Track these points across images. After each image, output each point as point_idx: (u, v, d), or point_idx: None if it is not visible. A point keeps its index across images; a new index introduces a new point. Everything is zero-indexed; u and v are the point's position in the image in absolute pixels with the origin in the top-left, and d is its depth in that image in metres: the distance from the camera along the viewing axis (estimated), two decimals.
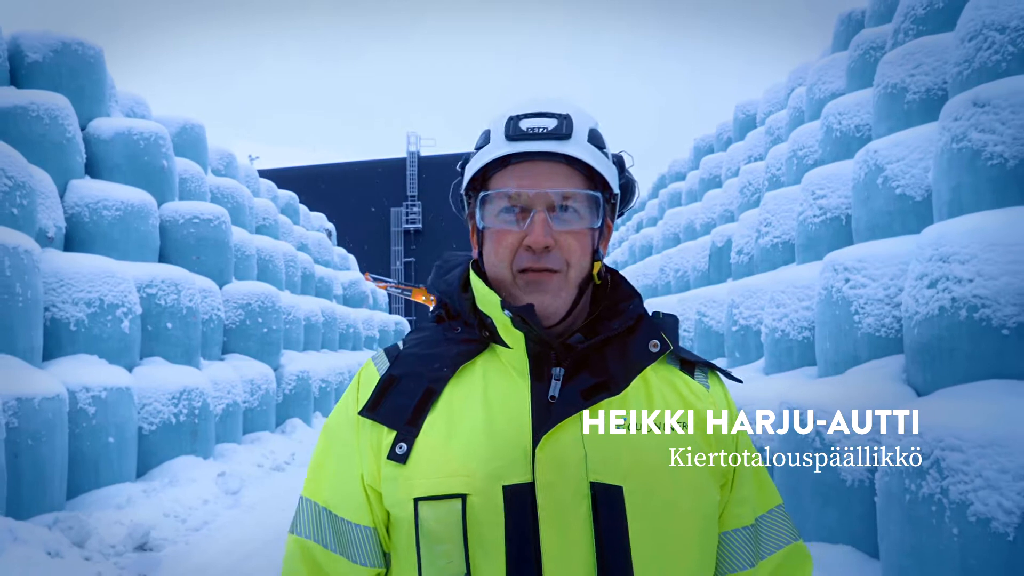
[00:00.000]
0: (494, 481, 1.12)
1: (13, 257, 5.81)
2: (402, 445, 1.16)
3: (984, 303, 4.05)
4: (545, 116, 1.20)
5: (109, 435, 6.24)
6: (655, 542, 1.13)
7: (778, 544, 1.28)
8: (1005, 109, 4.74)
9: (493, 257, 1.22)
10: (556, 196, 1.19)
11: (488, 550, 1.11)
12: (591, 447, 1.14)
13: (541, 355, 1.19)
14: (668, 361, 1.26)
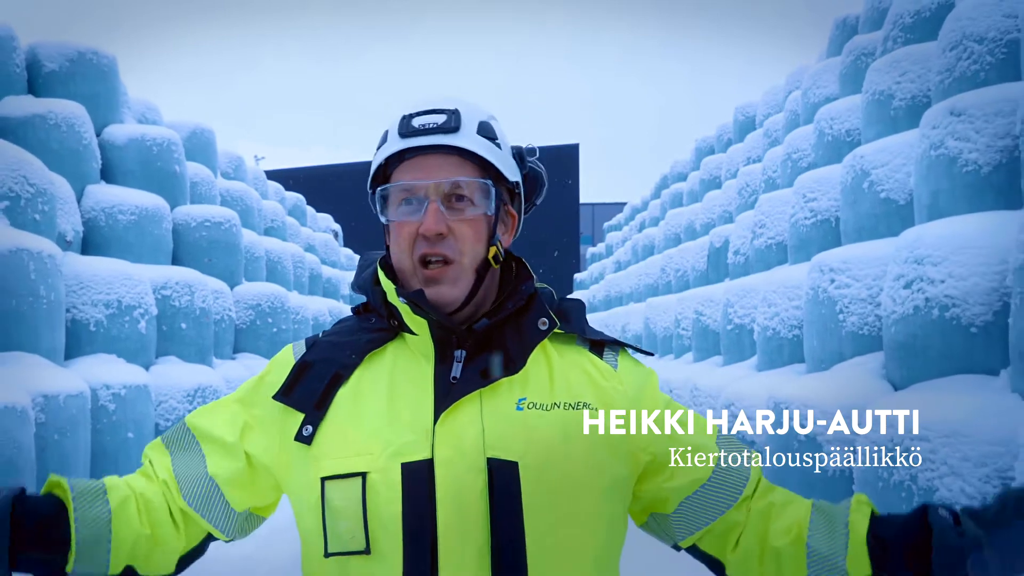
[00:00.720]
0: (394, 459, 1.17)
1: (37, 261, 6.10)
2: (308, 427, 1.23)
3: (954, 303, 4.31)
4: (435, 112, 1.27)
5: (128, 431, 6.53)
6: (549, 517, 1.17)
7: (747, 475, 1.31)
8: (979, 118, 5.00)
9: (396, 248, 1.29)
10: (447, 185, 1.25)
11: (386, 526, 1.15)
12: (489, 424, 1.19)
13: (445, 340, 1.25)
14: (577, 343, 1.33)
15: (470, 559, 1.14)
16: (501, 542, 1.14)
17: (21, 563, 1.14)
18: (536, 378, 1.25)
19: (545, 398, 1.23)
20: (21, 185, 6.74)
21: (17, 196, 6.68)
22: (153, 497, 1.26)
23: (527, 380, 1.24)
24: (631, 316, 14.57)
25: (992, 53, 5.64)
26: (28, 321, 5.97)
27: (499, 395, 1.22)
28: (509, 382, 1.23)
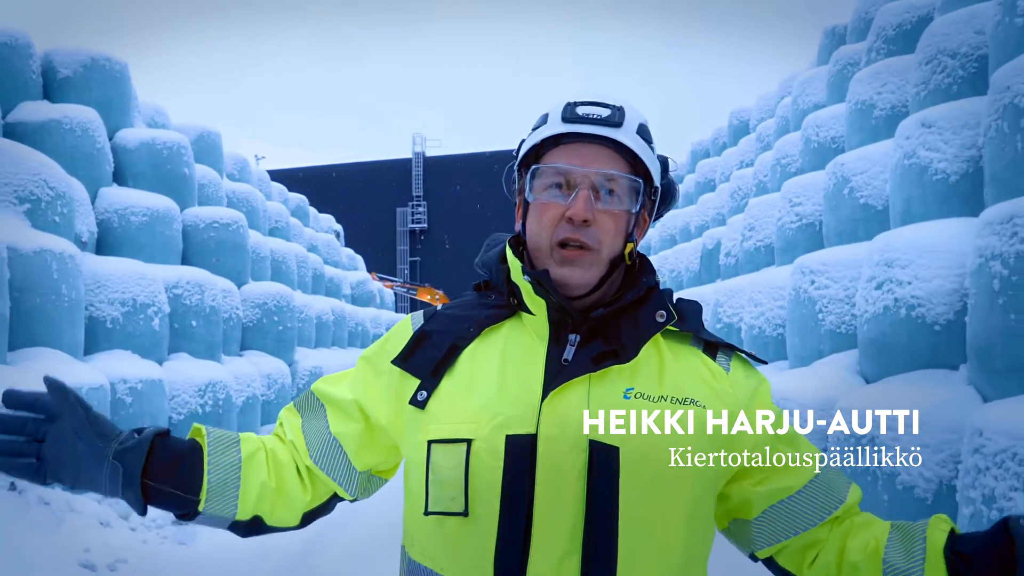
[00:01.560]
0: (499, 430, 1.21)
1: (59, 261, 6.43)
2: (423, 392, 1.28)
3: (920, 303, 4.64)
4: (600, 105, 1.30)
5: (144, 422, 6.85)
6: (644, 503, 1.18)
7: (841, 498, 1.32)
8: (948, 130, 5.33)
9: (536, 227, 1.30)
10: (600, 176, 1.27)
11: (486, 492, 1.19)
12: (595, 408, 1.21)
13: (561, 322, 1.28)
14: (692, 343, 1.34)
15: (562, 534, 1.17)
16: (595, 522, 1.17)
17: (157, 498, 1.25)
18: (646, 370, 1.27)
19: (653, 390, 1.25)
20: (42, 188, 7.07)
21: (38, 199, 7.01)
22: (282, 455, 1.36)
23: (637, 371, 1.26)
24: None
25: (964, 67, 5.97)
26: (51, 318, 6.30)
27: (608, 382, 1.23)
28: (619, 370, 1.25)
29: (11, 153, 7.10)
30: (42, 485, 1.39)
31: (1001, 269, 3.78)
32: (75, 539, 4.66)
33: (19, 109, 8.80)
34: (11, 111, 8.73)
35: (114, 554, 4.72)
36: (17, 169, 6.97)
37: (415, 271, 43.23)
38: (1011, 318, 3.72)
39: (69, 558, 4.44)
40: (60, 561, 4.39)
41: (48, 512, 4.69)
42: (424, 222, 43.91)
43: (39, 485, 1.41)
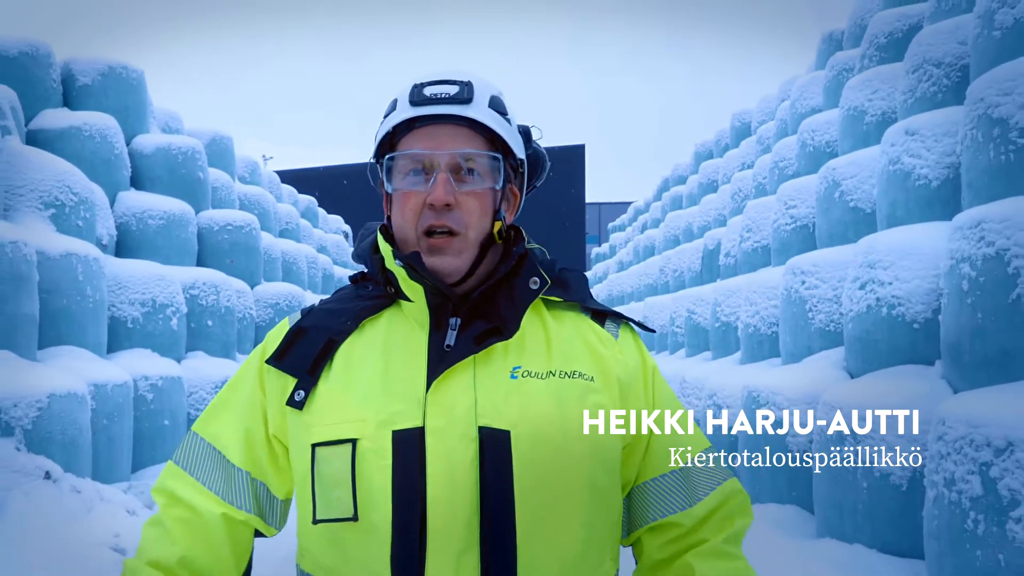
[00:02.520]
0: (385, 426, 1.15)
1: (84, 264, 6.74)
2: (300, 392, 1.22)
3: (900, 302, 4.92)
4: (447, 83, 1.25)
5: (165, 418, 7.17)
6: (540, 488, 1.15)
7: (711, 487, 1.29)
8: (930, 137, 5.60)
9: (399, 218, 1.25)
10: (457, 157, 1.22)
11: (375, 494, 1.14)
12: (481, 392, 1.17)
13: (440, 307, 1.23)
14: (580, 312, 1.31)
15: (459, 528, 1.12)
16: (491, 512, 1.12)
17: None
18: (533, 346, 1.23)
19: (541, 366, 1.21)
20: (66, 194, 7.39)
21: (62, 204, 7.32)
22: (189, 552, 1.25)
23: (523, 348, 1.23)
24: (631, 314, 15.15)
25: (948, 76, 6.23)
26: (76, 318, 6.61)
27: (493, 363, 1.20)
28: (504, 348, 1.21)
29: (36, 160, 7.41)
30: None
31: (970, 271, 4.05)
32: (105, 525, 4.96)
33: (41, 116, 9.14)
34: (33, 118, 9.07)
35: None
36: (42, 176, 7.29)
37: None
38: (978, 317, 3.99)
39: (101, 542, 4.74)
40: (93, 545, 4.69)
41: (80, 500, 5.00)
42: None
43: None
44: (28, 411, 5.02)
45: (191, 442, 1.31)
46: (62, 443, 5.21)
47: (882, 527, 4.31)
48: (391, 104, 1.29)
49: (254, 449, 1.28)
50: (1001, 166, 4.54)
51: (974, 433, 3.23)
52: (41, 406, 5.10)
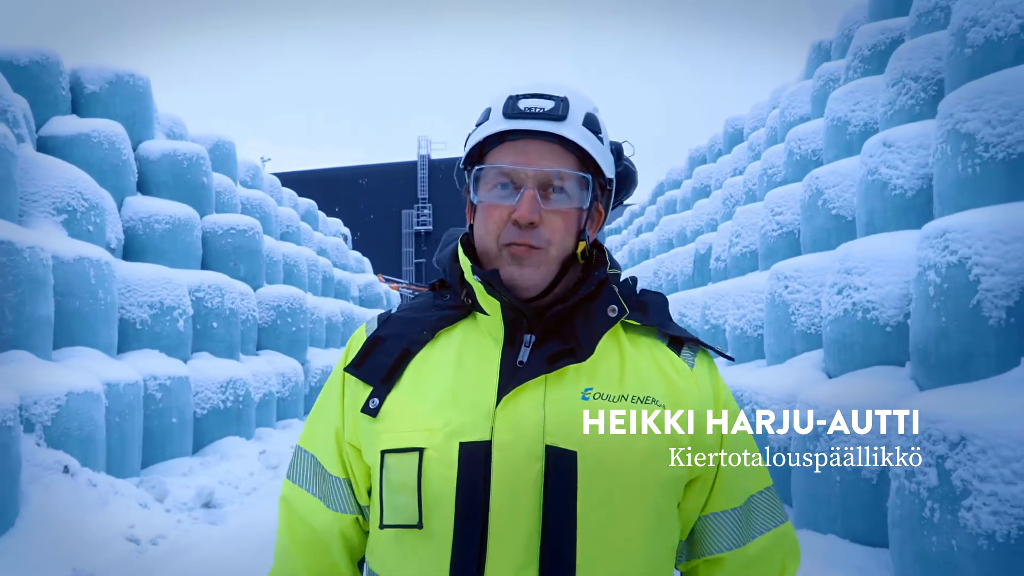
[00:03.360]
0: (452, 437, 1.16)
1: (96, 267, 7.01)
2: (375, 400, 1.24)
3: (874, 306, 5.19)
4: (543, 97, 1.23)
5: (173, 416, 7.43)
6: (603, 508, 1.15)
7: (766, 527, 1.30)
8: (905, 149, 5.88)
9: (482, 229, 1.25)
10: (547, 175, 1.21)
11: (439, 503, 1.15)
12: (551, 411, 1.17)
13: (516, 322, 1.23)
14: (657, 337, 1.30)
15: (519, 544, 1.13)
16: (551, 531, 1.13)
17: None
18: (606, 368, 1.23)
19: (613, 389, 1.21)
20: (77, 200, 7.66)
21: (74, 210, 7.59)
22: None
23: (596, 370, 1.22)
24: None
25: (925, 90, 6.51)
26: (89, 320, 6.88)
27: (565, 383, 1.20)
28: (576, 370, 1.21)
29: (48, 167, 7.68)
30: None
31: (935, 278, 4.33)
32: (120, 517, 5.23)
33: (50, 123, 9.40)
34: (43, 125, 9.33)
35: (155, 531, 5.29)
36: (55, 182, 7.56)
37: (420, 272, 43.80)
38: (942, 320, 4.27)
39: (117, 533, 5.01)
40: (109, 536, 4.96)
41: (96, 493, 5.27)
42: (429, 224, 44.47)
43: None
44: (48, 408, 5.29)
45: (298, 457, 1.37)
46: (79, 439, 5.48)
47: (853, 519, 4.58)
48: (484, 113, 1.28)
49: (343, 455, 1.30)
50: (968, 179, 4.82)
51: (931, 428, 3.50)
52: (60, 404, 5.37)
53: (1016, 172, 4.59)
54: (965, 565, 3.32)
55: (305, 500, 1.33)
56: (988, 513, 3.23)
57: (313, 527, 1.32)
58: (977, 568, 3.27)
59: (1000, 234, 4.06)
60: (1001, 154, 4.66)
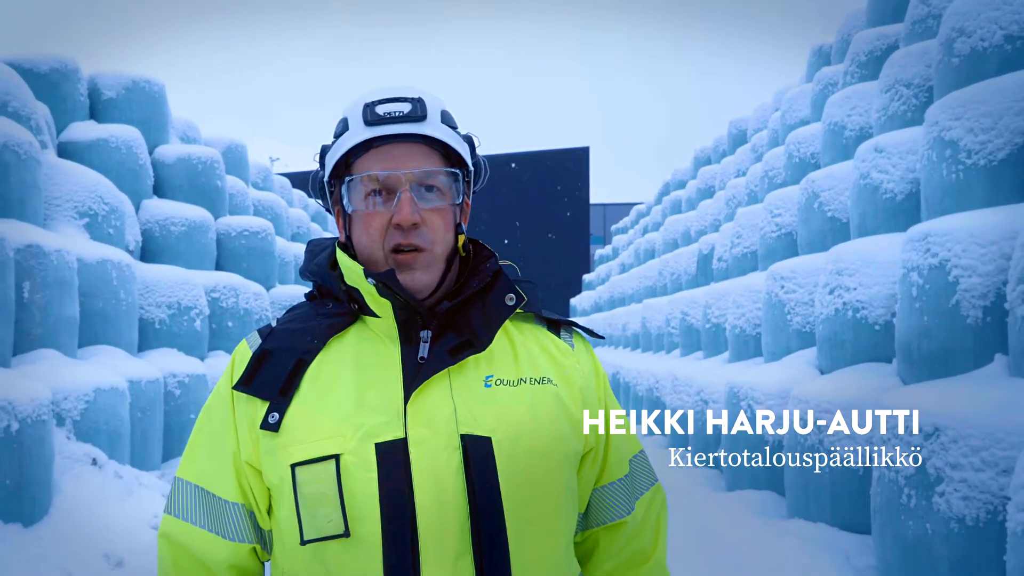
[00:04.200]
0: (367, 440, 1.17)
1: (118, 269, 7.29)
2: (274, 415, 1.21)
3: (863, 306, 5.43)
4: (399, 100, 1.25)
5: (191, 412, 7.70)
6: (525, 488, 1.19)
7: (645, 485, 1.41)
8: (895, 155, 6.11)
9: (364, 239, 1.26)
10: (418, 175, 1.24)
11: (364, 507, 1.15)
12: (460, 402, 1.20)
13: (409, 321, 1.25)
14: (535, 322, 1.36)
15: (451, 536, 1.15)
16: (481, 517, 1.15)
17: None
18: (501, 355, 1.28)
19: (511, 374, 1.26)
20: (98, 204, 7.94)
21: (95, 213, 7.87)
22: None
23: (493, 357, 1.27)
24: (631, 316, 15.70)
25: (916, 97, 6.73)
26: (112, 320, 7.17)
27: (467, 373, 1.23)
28: (476, 360, 1.25)
29: (71, 172, 7.96)
30: None
31: (918, 279, 4.56)
32: (145, 507, 5.50)
33: (70, 129, 9.70)
34: (63, 131, 9.63)
35: None
36: (77, 187, 7.84)
37: None
38: (924, 319, 4.51)
39: (142, 521, 5.28)
40: (135, 524, 5.23)
41: (122, 484, 5.54)
42: None
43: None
44: (77, 404, 5.58)
45: (180, 489, 1.30)
46: (106, 433, 5.76)
47: (841, 507, 4.82)
48: (341, 123, 1.30)
49: (241, 479, 1.27)
50: (952, 184, 5.05)
51: (909, 420, 3.74)
52: (88, 399, 5.65)
53: (996, 178, 4.82)
54: (938, 547, 3.56)
55: (194, 535, 1.27)
56: (959, 499, 3.47)
57: (205, 563, 1.26)
58: (948, 550, 3.52)
59: (977, 238, 4.30)
60: (983, 161, 4.89)
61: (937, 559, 3.58)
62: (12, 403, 4.46)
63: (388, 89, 1.28)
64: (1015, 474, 3.00)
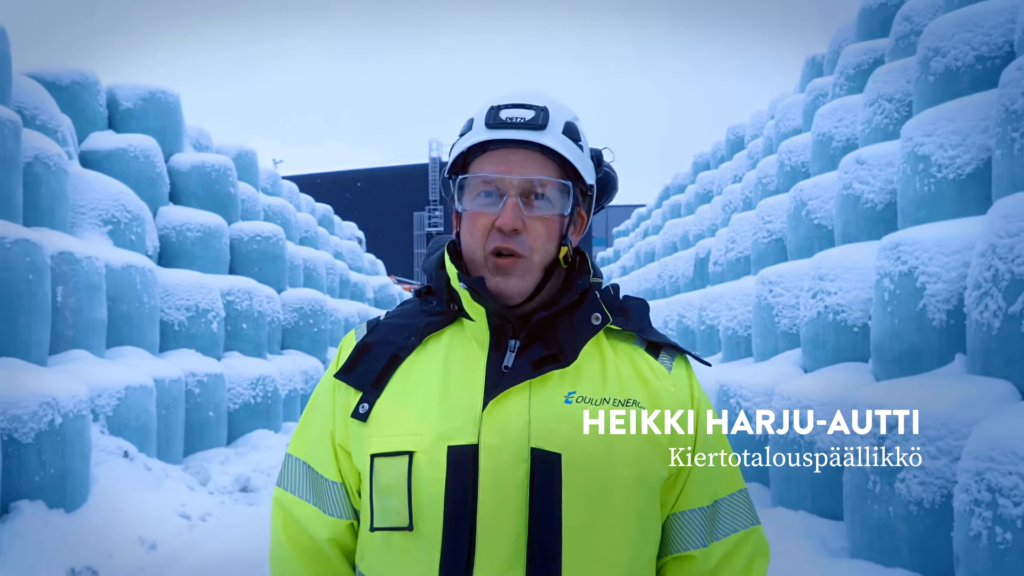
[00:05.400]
0: (441, 441, 1.20)
1: (141, 274, 7.70)
2: (364, 405, 1.27)
3: (843, 309, 5.82)
4: (523, 107, 1.27)
5: (209, 410, 8.11)
6: (587, 509, 1.19)
7: (734, 527, 1.33)
8: (875, 167, 6.49)
9: (468, 237, 1.29)
10: (528, 182, 1.25)
11: (429, 505, 1.19)
12: (536, 415, 1.21)
13: (501, 328, 1.27)
14: (636, 343, 1.34)
15: (506, 544, 1.17)
16: (537, 530, 1.16)
17: None
18: (588, 372, 1.27)
19: (596, 393, 1.25)
20: (121, 212, 8.35)
21: (118, 221, 8.28)
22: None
23: (579, 374, 1.26)
24: None
25: (898, 111, 7.11)
26: (135, 322, 7.57)
27: (549, 387, 1.24)
28: (560, 375, 1.25)
29: (94, 182, 8.37)
30: None
31: (890, 285, 4.95)
32: (173, 496, 5.90)
33: (90, 139, 10.09)
34: (83, 141, 10.03)
35: (202, 509, 5.96)
36: (100, 196, 8.25)
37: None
38: (895, 322, 4.89)
39: (171, 510, 5.68)
40: (164, 512, 5.63)
41: (151, 476, 5.94)
42: (441, 226, 45.19)
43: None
44: (110, 401, 5.98)
45: (289, 464, 1.38)
46: (136, 428, 6.17)
47: (820, 496, 5.21)
48: (467, 123, 1.32)
49: (339, 460, 1.33)
50: (924, 196, 5.44)
51: (875, 412, 4.13)
52: (120, 396, 6.06)
53: (964, 191, 5.21)
54: (899, 528, 3.95)
55: (301, 507, 1.35)
56: (917, 484, 3.87)
57: (312, 534, 1.34)
58: (908, 530, 3.91)
59: (943, 247, 4.68)
60: (952, 175, 5.28)
61: (899, 539, 3.97)
62: (56, 399, 4.86)
63: (517, 94, 1.30)
64: (961, 460, 3.39)
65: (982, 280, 3.98)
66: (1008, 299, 3.76)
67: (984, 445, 3.20)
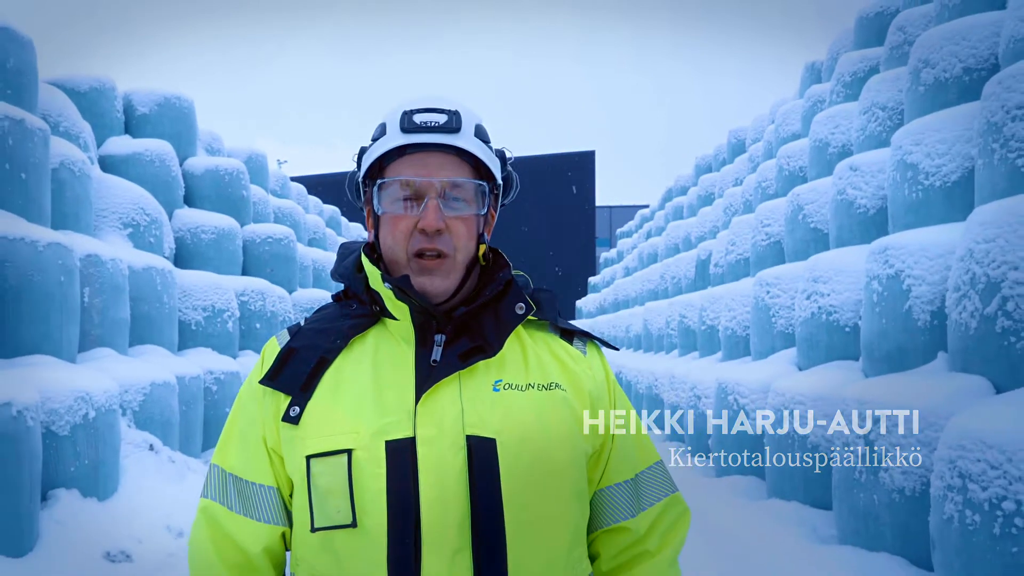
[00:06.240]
0: (379, 436, 1.23)
1: (160, 275, 7.98)
2: (295, 408, 1.28)
3: (835, 310, 6.09)
4: (437, 111, 1.30)
5: (226, 407, 8.39)
6: (526, 491, 1.24)
7: (657, 496, 1.42)
8: (868, 173, 6.76)
9: (389, 240, 1.32)
10: (447, 184, 1.29)
11: (371, 500, 1.22)
12: (468, 404, 1.25)
13: (425, 325, 1.30)
14: (550, 331, 1.40)
15: (451, 532, 1.20)
16: (480, 514, 1.20)
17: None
18: (512, 361, 1.32)
19: (520, 379, 1.31)
20: (140, 215, 8.64)
21: (138, 224, 8.57)
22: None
23: (503, 363, 1.31)
24: (633, 318, 16.36)
25: (891, 119, 7.38)
26: (156, 322, 7.86)
27: (477, 377, 1.28)
28: (486, 364, 1.30)
29: (114, 186, 8.66)
30: None
31: (878, 287, 5.22)
32: (196, 488, 6.18)
33: (108, 144, 10.38)
34: (101, 145, 10.32)
35: None
36: (121, 199, 8.55)
37: None
38: (883, 322, 5.16)
39: (194, 501, 5.94)
40: (189, 502, 5.91)
41: (175, 468, 6.23)
42: None
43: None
44: (136, 396, 6.27)
45: (214, 475, 1.38)
46: (160, 422, 6.45)
47: (811, 488, 5.48)
48: (379, 128, 1.35)
49: (272, 464, 1.35)
50: (913, 202, 5.71)
51: (861, 408, 4.40)
52: (145, 392, 6.35)
53: (950, 198, 5.48)
54: (882, 515, 4.23)
55: (232, 519, 1.35)
56: (899, 473, 4.14)
57: (245, 549, 1.34)
58: (891, 517, 4.19)
59: (927, 251, 4.96)
60: (938, 183, 5.55)
61: (882, 525, 4.25)
62: (89, 394, 5.15)
63: (427, 99, 1.34)
64: (937, 450, 3.66)
65: (961, 283, 4.25)
66: (984, 301, 4.03)
67: (957, 435, 3.46)
